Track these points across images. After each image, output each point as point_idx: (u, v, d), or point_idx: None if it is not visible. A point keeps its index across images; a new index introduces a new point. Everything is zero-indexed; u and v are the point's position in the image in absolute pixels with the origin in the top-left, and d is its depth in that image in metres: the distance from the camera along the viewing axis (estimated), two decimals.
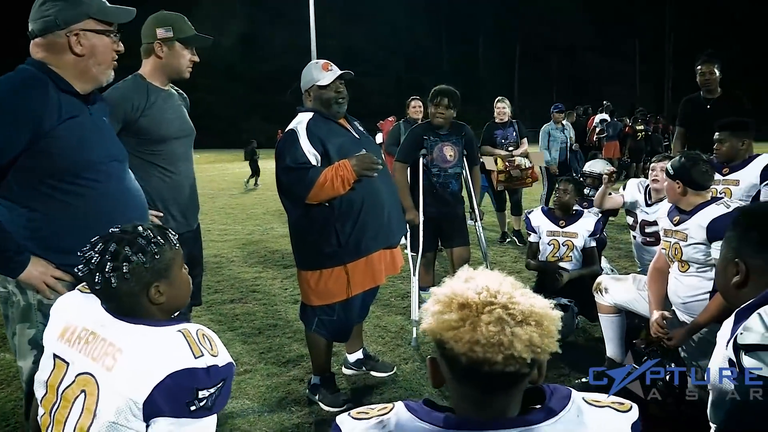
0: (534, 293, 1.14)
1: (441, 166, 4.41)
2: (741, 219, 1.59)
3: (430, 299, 1.14)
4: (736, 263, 1.52)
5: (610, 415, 1.16)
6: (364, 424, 1.18)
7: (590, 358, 3.66)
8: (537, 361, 1.06)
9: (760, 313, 1.31)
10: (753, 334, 1.29)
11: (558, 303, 3.95)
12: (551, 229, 4.34)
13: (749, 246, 1.51)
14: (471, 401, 1.13)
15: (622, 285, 3.41)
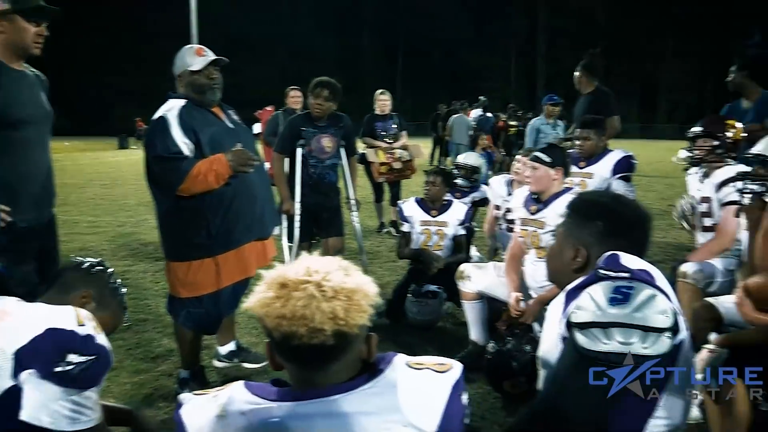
0: (362, 274, 1.23)
1: (319, 157, 4.43)
2: (584, 208, 1.70)
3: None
4: (577, 249, 1.64)
5: (427, 377, 1.23)
6: (201, 398, 1.26)
7: (458, 341, 3.84)
8: (345, 333, 1.14)
9: (590, 293, 1.41)
10: (585, 313, 1.38)
11: (428, 290, 4.17)
12: (424, 219, 4.49)
13: (593, 235, 1.63)
14: (296, 378, 1.22)
15: (484, 272, 3.59)
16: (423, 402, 1.20)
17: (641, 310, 1.34)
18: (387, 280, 5.35)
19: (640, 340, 1.32)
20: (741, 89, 4.61)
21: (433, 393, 1.21)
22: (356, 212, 4.81)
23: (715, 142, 3.52)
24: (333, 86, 4.37)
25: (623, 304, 1.35)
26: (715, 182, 3.49)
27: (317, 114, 4.38)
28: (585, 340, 1.36)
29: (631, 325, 1.32)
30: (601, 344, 1.34)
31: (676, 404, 1.47)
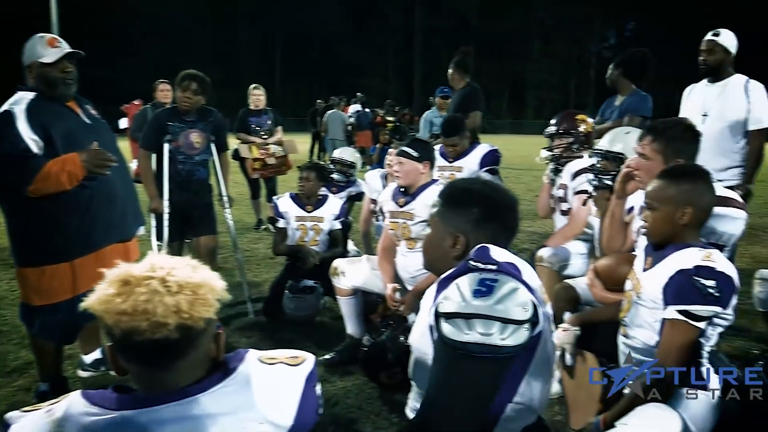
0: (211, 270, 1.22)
1: (187, 153, 4.28)
2: (458, 195, 1.74)
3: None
4: (456, 237, 1.67)
5: (280, 371, 1.24)
6: (32, 415, 1.16)
7: (336, 335, 3.86)
8: (190, 327, 1.12)
9: (458, 284, 1.45)
10: (451, 303, 1.42)
11: (305, 285, 4.16)
12: (299, 215, 4.47)
13: (470, 222, 1.67)
14: (140, 380, 1.17)
15: (357, 267, 3.62)
16: (278, 397, 1.20)
17: (503, 303, 1.39)
18: (265, 277, 5.28)
19: (499, 331, 1.36)
20: (616, 86, 4.95)
21: (288, 387, 1.22)
22: (229, 209, 4.69)
23: (570, 138, 3.77)
24: (201, 79, 4.23)
25: (486, 296, 1.40)
26: (571, 171, 3.74)
27: (185, 108, 4.22)
28: (449, 330, 1.40)
29: (492, 317, 1.37)
30: (463, 334, 1.38)
31: (535, 387, 1.56)
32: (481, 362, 1.38)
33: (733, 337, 4.10)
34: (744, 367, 3.33)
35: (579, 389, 2.60)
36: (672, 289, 1.98)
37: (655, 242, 2.16)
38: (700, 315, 1.92)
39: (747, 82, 4.02)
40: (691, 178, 2.12)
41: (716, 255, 2.00)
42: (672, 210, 2.07)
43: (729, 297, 1.95)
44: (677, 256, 2.02)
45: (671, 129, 2.60)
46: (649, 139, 2.61)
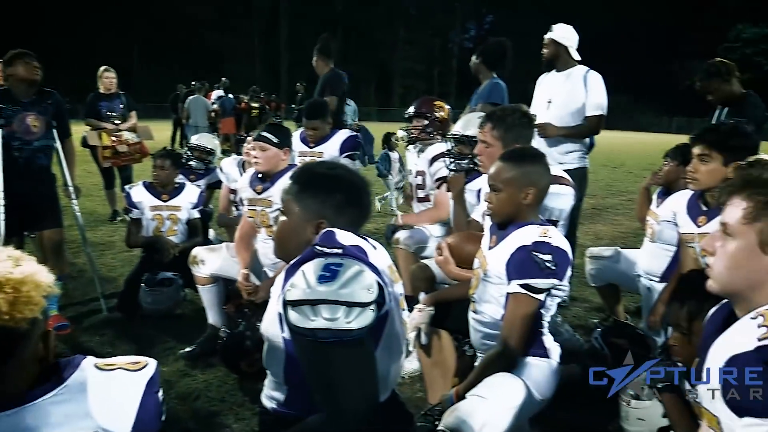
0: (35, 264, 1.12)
1: (24, 139, 3.92)
2: (320, 181, 1.70)
3: None
4: (320, 223, 1.64)
5: (119, 377, 1.19)
6: None
7: (198, 327, 3.73)
8: (11, 329, 1.05)
9: (303, 270, 1.43)
10: (297, 290, 1.40)
11: (163, 278, 3.98)
12: (154, 204, 4.26)
13: (333, 207, 1.65)
14: None
15: (216, 255, 3.54)
16: (115, 404, 1.15)
17: (347, 286, 1.39)
18: (121, 271, 5.00)
19: (344, 315, 1.36)
20: (477, 74, 5.14)
21: (126, 393, 1.17)
22: (76, 200, 4.37)
23: (426, 121, 3.90)
24: (32, 55, 3.91)
25: (331, 281, 1.39)
26: (428, 157, 3.86)
27: (34, 78, 3.88)
28: (295, 318, 1.39)
29: (337, 302, 1.37)
30: (309, 321, 1.37)
31: (384, 364, 1.59)
32: (343, 347, 1.38)
33: (577, 308, 4.47)
34: (586, 334, 3.66)
35: (435, 366, 2.71)
36: (513, 265, 2.11)
37: (499, 222, 2.29)
38: (540, 287, 2.07)
39: (587, 72, 4.36)
40: (532, 160, 2.26)
41: (552, 231, 2.16)
42: (516, 191, 2.19)
43: (564, 269, 2.11)
44: (518, 233, 2.16)
45: (509, 116, 2.78)
46: (489, 127, 2.78)
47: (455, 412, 1.92)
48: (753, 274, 1.26)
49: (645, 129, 41.94)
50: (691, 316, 1.90)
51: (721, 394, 1.17)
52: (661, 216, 3.37)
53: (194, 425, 2.83)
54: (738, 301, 1.32)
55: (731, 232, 1.30)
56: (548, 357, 2.19)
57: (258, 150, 3.33)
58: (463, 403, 1.98)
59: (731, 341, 1.21)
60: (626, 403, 2.19)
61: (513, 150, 2.39)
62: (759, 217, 1.26)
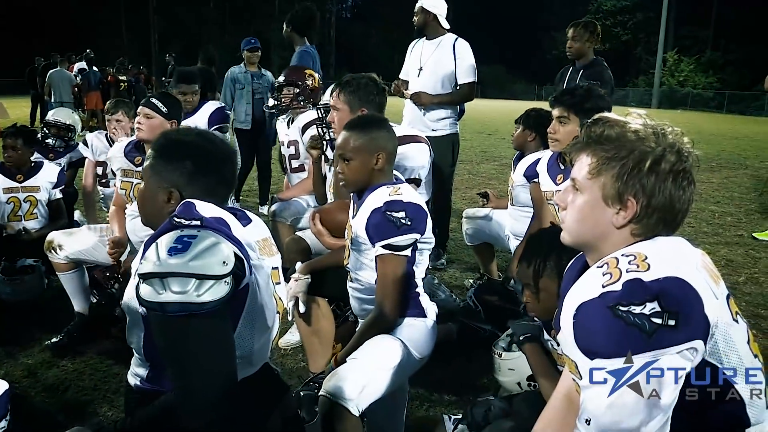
0: None
1: None
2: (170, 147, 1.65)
3: None
4: (170, 191, 1.60)
5: None
6: None
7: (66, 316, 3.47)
8: None
9: (157, 243, 1.38)
10: (148, 263, 1.35)
11: (24, 265, 3.71)
12: (8, 186, 3.92)
13: (183, 176, 1.60)
14: None
15: (77, 238, 3.34)
16: None
17: (199, 259, 1.35)
18: None
19: (194, 288, 1.33)
20: (292, 42, 5.14)
21: None
22: None
23: (296, 90, 3.87)
24: None
25: (182, 253, 1.34)
26: (299, 126, 3.84)
27: None
28: (146, 291, 1.34)
29: (187, 274, 1.33)
30: (158, 294, 1.32)
31: (249, 338, 1.57)
32: (194, 320, 1.34)
33: (453, 270, 4.66)
34: (462, 294, 3.82)
35: (314, 334, 2.73)
36: (372, 228, 2.16)
37: (354, 190, 2.33)
38: (401, 245, 2.13)
39: (456, 40, 4.49)
40: (377, 125, 2.31)
41: (404, 188, 2.22)
42: (366, 157, 2.23)
43: (421, 222, 2.17)
44: (371, 197, 2.21)
45: (355, 81, 2.85)
46: (337, 92, 2.85)
47: (334, 376, 1.95)
48: (599, 225, 1.34)
49: (516, 97, 44.01)
50: (537, 274, 2.00)
51: (574, 340, 1.25)
52: (515, 181, 3.57)
53: (65, 418, 2.67)
54: (589, 252, 1.41)
55: (579, 186, 1.38)
56: (425, 316, 2.25)
57: (143, 117, 3.15)
58: (342, 367, 2.01)
59: (580, 289, 1.27)
60: (498, 355, 2.32)
61: (357, 118, 2.44)
62: (602, 171, 1.33)
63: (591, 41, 4.54)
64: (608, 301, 1.18)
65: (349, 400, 1.88)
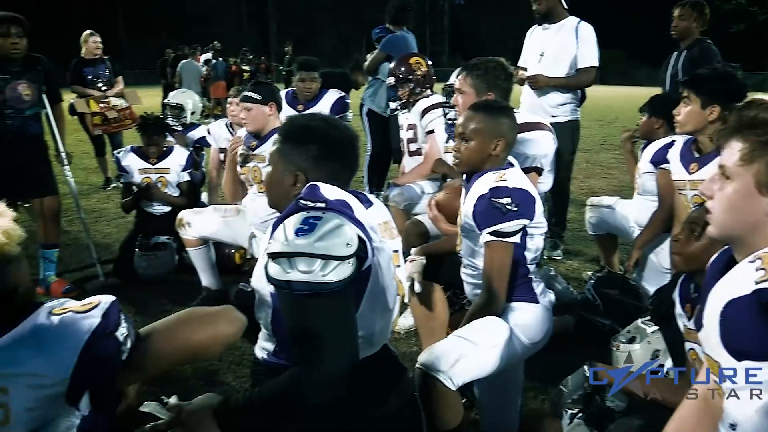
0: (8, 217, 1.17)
1: (16, 107, 3.82)
2: (296, 132, 1.70)
3: None
4: (296, 175, 1.64)
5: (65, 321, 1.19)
6: None
7: (194, 289, 3.75)
8: None
9: (284, 224, 1.44)
10: (276, 243, 1.42)
11: (157, 242, 3.99)
12: (143, 167, 4.24)
13: (308, 160, 1.64)
14: None
15: (204, 217, 3.53)
16: (54, 349, 1.15)
17: (324, 240, 1.39)
18: (116, 237, 5.01)
19: (320, 268, 1.37)
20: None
21: (67, 338, 1.16)
22: (68, 166, 4.34)
23: (411, 84, 3.90)
24: (19, 20, 3.76)
25: (308, 234, 1.39)
26: (419, 110, 3.85)
27: (14, 55, 3.75)
28: (273, 270, 1.40)
29: (313, 254, 1.37)
30: (285, 273, 1.37)
31: (370, 319, 1.60)
32: (319, 300, 1.38)
33: (571, 261, 4.50)
34: (580, 287, 3.69)
35: (429, 320, 2.73)
36: (478, 215, 2.12)
37: (464, 171, 2.29)
38: (509, 231, 2.07)
39: (578, 23, 4.29)
40: (503, 111, 2.26)
41: (510, 173, 2.16)
42: (486, 141, 2.18)
43: (529, 208, 2.10)
44: (477, 184, 2.17)
45: (483, 65, 2.79)
46: (464, 75, 2.80)
47: (430, 349, 1.95)
48: (750, 216, 1.25)
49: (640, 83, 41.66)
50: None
51: (720, 339, 1.17)
52: (641, 169, 3.39)
53: (194, 384, 2.86)
54: (737, 246, 1.30)
55: (729, 174, 1.27)
56: (536, 302, 2.19)
57: (243, 111, 3.32)
58: (440, 341, 2.02)
59: (729, 286, 1.19)
60: (617, 348, 2.21)
61: (484, 101, 2.40)
62: (755, 158, 1.23)
63: (698, 22, 4.25)
64: (762, 298, 1.09)
65: (442, 372, 1.86)
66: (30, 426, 1.12)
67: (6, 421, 1.11)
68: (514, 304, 2.16)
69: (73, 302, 1.23)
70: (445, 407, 1.88)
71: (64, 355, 1.13)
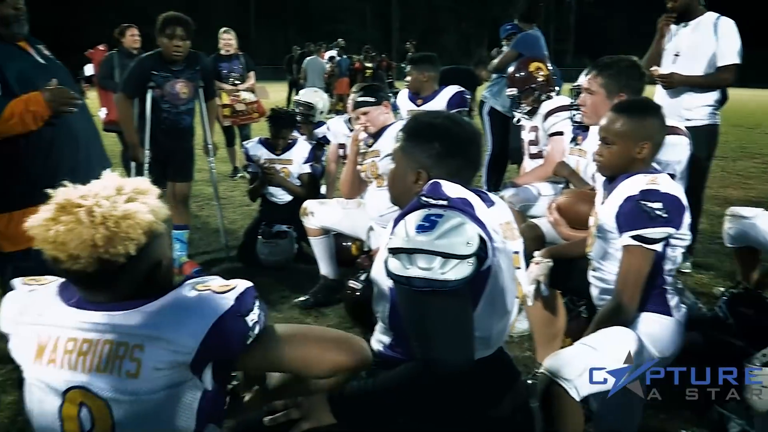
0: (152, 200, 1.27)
1: (173, 103, 4.13)
2: (420, 130, 1.70)
3: None
4: (418, 172, 1.65)
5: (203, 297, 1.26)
6: (25, 287, 1.36)
7: (311, 278, 3.87)
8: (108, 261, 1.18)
9: (405, 220, 1.46)
10: (397, 239, 1.44)
11: (278, 230, 4.17)
12: (269, 157, 4.44)
13: (432, 157, 1.64)
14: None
15: (327, 208, 3.63)
16: (188, 320, 1.22)
17: (445, 238, 1.39)
18: (241, 224, 5.28)
19: (440, 265, 1.37)
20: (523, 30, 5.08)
21: (203, 312, 1.23)
22: (213, 157, 4.64)
23: (535, 92, 3.81)
24: (186, 21, 4.02)
25: (428, 231, 1.40)
26: (542, 112, 3.76)
27: (176, 57, 4.02)
28: (393, 265, 1.42)
29: (433, 252, 1.38)
30: (404, 269, 1.39)
31: (488, 321, 1.58)
32: (437, 297, 1.39)
33: (700, 275, 4.21)
34: (710, 303, 3.45)
35: (545, 325, 2.66)
36: (623, 217, 2.02)
37: (608, 176, 2.19)
38: (653, 237, 1.96)
39: (717, 19, 3.98)
40: (650, 112, 2.14)
41: (662, 178, 2.04)
42: (630, 145, 2.08)
43: (678, 217, 1.99)
44: (625, 184, 2.06)
45: (615, 64, 2.65)
46: (593, 74, 2.67)
47: (557, 356, 1.90)
48: None
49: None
50: None
51: None
52: None
53: None
54: None
55: None
56: (669, 315, 2.08)
57: (361, 116, 3.39)
58: (567, 348, 1.95)
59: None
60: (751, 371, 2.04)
61: (629, 101, 2.27)
62: None
63: None
64: None
65: (568, 380, 1.80)
66: (156, 384, 1.21)
67: (136, 375, 1.20)
68: (646, 315, 2.06)
69: (215, 282, 1.30)
70: (567, 417, 1.83)
71: (195, 327, 1.20)
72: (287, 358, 1.33)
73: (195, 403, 1.26)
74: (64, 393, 1.25)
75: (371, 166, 3.42)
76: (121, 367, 1.20)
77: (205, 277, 1.33)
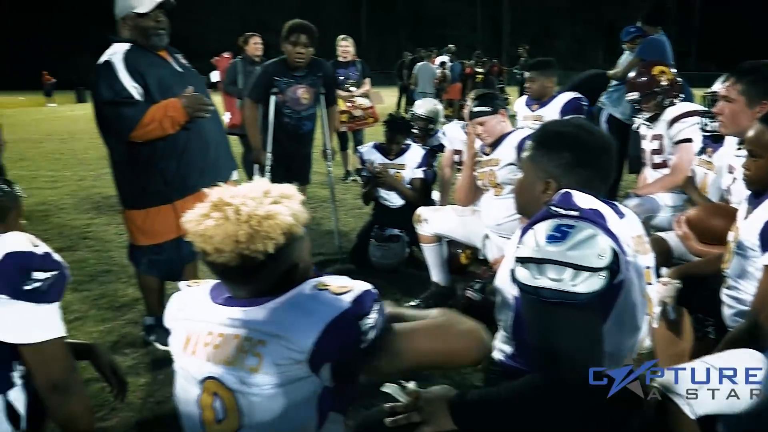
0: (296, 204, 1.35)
1: (294, 108, 4.31)
2: (550, 139, 1.67)
3: None
4: (547, 182, 1.63)
5: (321, 297, 1.30)
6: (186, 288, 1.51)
7: (421, 282, 3.90)
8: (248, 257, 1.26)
9: (535, 229, 1.44)
10: (526, 248, 1.42)
11: (391, 234, 4.23)
12: (382, 162, 4.51)
13: (561, 167, 1.61)
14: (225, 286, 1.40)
15: (441, 215, 3.62)
16: (304, 320, 1.26)
17: (577, 249, 1.36)
18: (353, 226, 5.39)
19: (570, 277, 1.34)
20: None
21: (319, 313, 1.26)
22: (331, 162, 4.79)
23: (659, 96, 3.63)
24: (310, 29, 4.16)
25: (559, 241, 1.37)
26: (667, 119, 3.58)
27: (298, 63, 4.19)
28: (522, 274, 1.40)
29: (564, 263, 1.35)
30: (534, 279, 1.37)
31: (618, 336, 1.53)
32: (566, 310, 1.36)
33: None
34: None
35: (672, 345, 2.53)
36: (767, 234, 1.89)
37: (755, 189, 2.07)
38: None
39: None
40: None
41: None
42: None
43: None
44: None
45: (757, 70, 2.46)
46: (732, 80, 2.49)
47: (674, 370, 1.78)
48: None
49: None
50: None
51: None
52: None
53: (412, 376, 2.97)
54: None
55: None
56: None
57: (478, 127, 3.37)
58: (687, 364, 1.83)
59: None
60: None
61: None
62: None
63: None
64: None
65: (680, 395, 1.69)
66: (275, 379, 1.26)
67: (257, 369, 1.26)
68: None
69: (334, 282, 1.33)
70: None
71: (310, 327, 1.24)
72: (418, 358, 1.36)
73: (315, 398, 1.31)
74: (201, 383, 1.35)
75: (489, 175, 3.39)
76: (245, 360, 1.28)
77: (326, 278, 1.36)
